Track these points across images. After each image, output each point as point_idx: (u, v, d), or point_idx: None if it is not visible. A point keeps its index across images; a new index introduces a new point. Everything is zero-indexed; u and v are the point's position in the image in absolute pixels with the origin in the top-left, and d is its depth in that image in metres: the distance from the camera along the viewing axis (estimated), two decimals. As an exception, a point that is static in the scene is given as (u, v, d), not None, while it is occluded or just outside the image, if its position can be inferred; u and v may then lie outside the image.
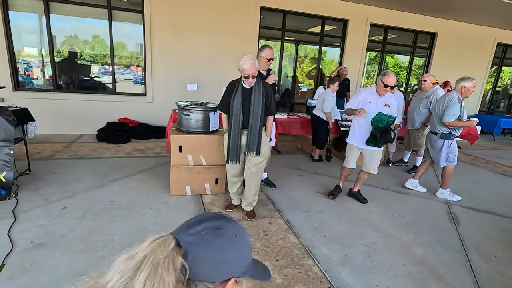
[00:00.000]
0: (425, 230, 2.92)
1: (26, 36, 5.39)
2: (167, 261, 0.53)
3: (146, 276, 0.51)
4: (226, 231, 0.61)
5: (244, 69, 2.43)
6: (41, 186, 3.26)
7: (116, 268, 0.58)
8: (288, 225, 2.83)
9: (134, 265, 0.54)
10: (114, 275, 0.56)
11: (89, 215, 2.72)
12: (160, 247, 0.57)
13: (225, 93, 2.71)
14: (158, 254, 0.55)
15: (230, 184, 3.00)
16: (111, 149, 4.83)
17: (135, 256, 0.58)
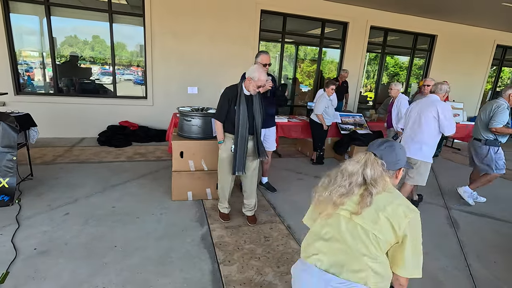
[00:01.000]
0: (425, 235, 2.88)
1: (27, 39, 5.41)
2: (376, 161, 1.16)
3: (369, 167, 1.14)
4: (396, 146, 1.23)
5: (261, 79, 2.49)
6: (43, 191, 3.29)
7: (351, 165, 1.19)
8: (289, 230, 2.85)
9: (362, 163, 1.17)
10: (353, 166, 1.18)
11: (91, 221, 2.75)
12: (369, 156, 1.18)
13: (223, 101, 2.61)
14: (370, 159, 1.17)
15: (224, 193, 2.87)
16: (112, 153, 4.86)
17: (359, 161, 1.18)
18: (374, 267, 1.07)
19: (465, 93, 8.45)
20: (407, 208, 1.10)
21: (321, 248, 1.16)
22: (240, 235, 2.71)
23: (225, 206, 2.94)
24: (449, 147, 7.09)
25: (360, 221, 1.08)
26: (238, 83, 2.65)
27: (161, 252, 2.37)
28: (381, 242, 1.07)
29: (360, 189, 1.12)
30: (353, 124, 5.47)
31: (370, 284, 1.06)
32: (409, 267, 1.09)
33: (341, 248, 1.11)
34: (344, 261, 1.10)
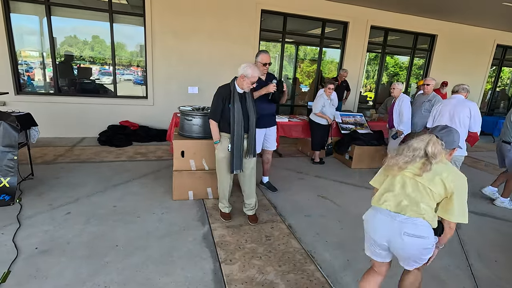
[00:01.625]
0: (426, 234, 2.94)
1: (28, 38, 5.41)
2: (437, 141, 1.51)
3: (431, 144, 1.49)
4: (453, 131, 1.60)
5: (254, 75, 2.54)
6: (44, 191, 3.29)
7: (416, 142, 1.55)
8: (290, 229, 2.85)
9: (425, 142, 1.52)
10: (418, 143, 1.53)
11: (93, 221, 2.75)
12: (432, 137, 1.53)
13: (218, 100, 2.61)
14: (433, 139, 1.51)
15: (224, 193, 2.88)
16: (113, 152, 4.86)
17: (424, 140, 1.53)
18: (428, 210, 1.53)
19: (465, 93, 8.45)
20: (456, 175, 1.52)
21: (389, 198, 1.60)
22: (241, 234, 2.71)
23: (226, 206, 2.94)
24: (449, 147, 7.09)
25: (420, 180, 1.54)
26: (231, 82, 2.64)
27: (163, 251, 2.37)
28: (434, 195, 1.52)
29: (422, 159, 1.54)
30: (353, 124, 5.47)
31: (426, 219, 1.53)
32: (455, 215, 1.50)
33: (404, 197, 1.57)
34: (406, 205, 1.55)
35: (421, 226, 1.51)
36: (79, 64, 5.84)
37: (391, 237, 1.57)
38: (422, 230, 1.51)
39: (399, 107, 4.34)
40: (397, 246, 1.57)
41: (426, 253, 1.58)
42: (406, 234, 1.52)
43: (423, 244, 1.53)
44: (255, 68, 2.55)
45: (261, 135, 3.32)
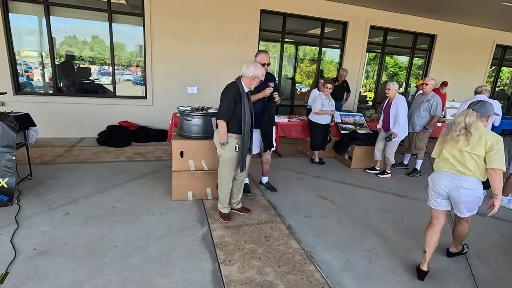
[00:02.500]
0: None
1: (27, 38, 5.39)
2: (472, 112, 2.08)
3: (468, 116, 2.07)
4: (486, 103, 2.13)
5: (263, 75, 2.70)
6: (43, 191, 3.27)
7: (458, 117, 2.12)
8: (290, 230, 2.84)
9: (464, 115, 2.09)
10: (459, 118, 2.12)
11: (91, 221, 2.73)
12: (468, 110, 2.10)
13: (230, 100, 2.57)
14: (469, 112, 2.09)
15: (227, 192, 2.86)
16: (112, 152, 4.84)
17: (463, 114, 2.11)
18: (476, 170, 2.08)
19: (465, 92, 8.45)
20: (492, 134, 2.04)
21: (446, 165, 2.20)
22: (241, 235, 2.70)
23: (225, 206, 2.94)
24: (449, 147, 7.08)
25: (466, 149, 2.09)
26: (237, 81, 2.65)
27: (162, 252, 2.36)
28: (478, 158, 2.06)
29: (465, 130, 2.06)
30: (353, 124, 5.47)
31: (477, 176, 2.10)
32: (496, 163, 1.99)
33: (457, 163, 2.14)
34: (459, 169, 2.13)
35: (471, 182, 2.10)
36: (79, 64, 5.82)
37: (450, 190, 2.17)
38: (472, 184, 2.10)
39: (396, 109, 4.25)
40: (455, 195, 2.17)
41: (475, 202, 2.17)
42: (461, 187, 2.12)
43: (473, 194, 2.13)
44: (262, 68, 2.68)
45: (259, 135, 3.31)
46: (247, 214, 3.07)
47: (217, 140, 2.75)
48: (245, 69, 2.60)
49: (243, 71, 2.62)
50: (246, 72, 2.59)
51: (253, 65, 2.60)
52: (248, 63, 2.62)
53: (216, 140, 2.79)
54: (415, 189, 4.17)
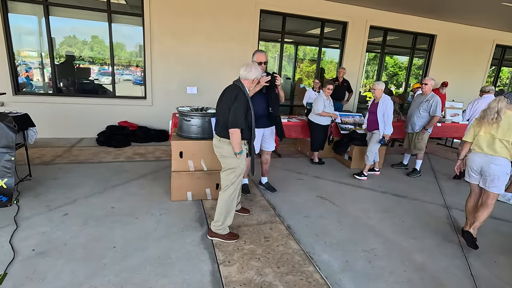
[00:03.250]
0: (426, 235, 2.94)
1: (26, 39, 5.39)
2: (504, 99, 2.59)
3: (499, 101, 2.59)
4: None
5: (260, 75, 2.56)
6: (42, 192, 3.27)
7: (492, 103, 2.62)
8: (289, 230, 2.84)
9: (497, 101, 2.60)
10: (493, 103, 2.60)
11: (90, 222, 2.73)
12: (500, 97, 2.61)
13: (244, 108, 2.38)
14: (501, 99, 2.60)
15: (234, 206, 2.65)
16: (111, 153, 4.84)
17: (495, 101, 2.61)
18: (505, 151, 2.53)
19: (464, 93, 8.45)
20: None
21: (478, 148, 2.66)
22: (240, 235, 2.69)
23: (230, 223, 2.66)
24: (448, 147, 7.09)
25: (496, 135, 2.54)
26: (241, 86, 2.45)
27: (161, 252, 2.36)
28: (509, 143, 2.50)
29: (497, 114, 2.51)
30: (352, 124, 5.47)
31: (507, 156, 2.54)
32: None
33: (488, 146, 2.59)
34: (493, 149, 2.57)
35: (501, 160, 2.55)
36: (78, 64, 5.81)
37: (483, 166, 2.64)
38: (502, 161, 2.56)
39: (384, 109, 4.18)
40: (486, 170, 2.63)
41: (502, 178, 2.59)
42: (491, 163, 2.59)
43: (502, 170, 2.57)
44: (259, 67, 2.59)
45: (259, 135, 3.31)
46: (246, 214, 3.07)
47: (227, 151, 2.47)
48: (246, 72, 2.46)
49: (243, 75, 2.48)
50: (249, 75, 2.46)
51: (253, 67, 2.49)
52: (247, 65, 2.51)
53: (224, 150, 2.48)
54: (415, 189, 4.16)
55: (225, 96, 2.48)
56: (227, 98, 2.43)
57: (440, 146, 7.17)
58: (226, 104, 2.42)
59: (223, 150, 2.50)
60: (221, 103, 2.51)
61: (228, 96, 2.42)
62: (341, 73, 6.30)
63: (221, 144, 2.50)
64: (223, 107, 2.44)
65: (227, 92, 2.49)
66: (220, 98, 2.55)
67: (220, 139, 2.49)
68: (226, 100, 2.44)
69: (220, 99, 2.54)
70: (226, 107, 2.41)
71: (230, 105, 2.38)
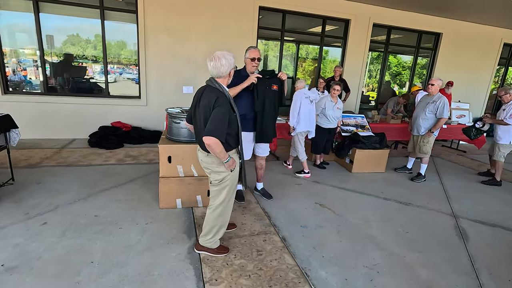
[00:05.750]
0: (431, 248, 2.72)
1: (15, 36, 5.20)
2: None
3: None
4: None
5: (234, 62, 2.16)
6: (23, 197, 3.08)
7: None
8: (284, 243, 2.63)
9: None
10: None
11: (69, 233, 2.53)
12: None
13: (225, 114, 2.01)
14: None
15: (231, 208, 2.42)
16: (102, 155, 4.65)
17: None
18: None
19: (471, 93, 8.20)
20: None
21: None
22: (231, 248, 2.49)
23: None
24: (454, 149, 6.84)
25: None
26: (219, 87, 2.07)
27: (142, 268, 2.16)
28: None
29: None
30: (354, 126, 5.24)
31: None
32: None
33: None
34: None
35: None
36: (70, 62, 5.62)
37: None
38: None
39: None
40: None
41: None
42: None
43: None
44: (231, 54, 2.10)
45: (249, 139, 3.09)
46: (234, 229, 2.77)
47: (218, 165, 2.15)
48: (218, 68, 2.01)
49: (215, 73, 2.05)
50: (221, 70, 2.03)
51: (223, 58, 2.00)
52: (213, 57, 2.02)
53: (215, 165, 2.16)
54: (419, 196, 3.94)
55: (202, 102, 2.06)
56: (205, 104, 2.01)
57: (445, 148, 6.92)
58: (205, 113, 2.01)
59: (213, 166, 2.17)
60: (199, 111, 2.09)
61: (206, 102, 2.01)
62: (337, 72, 6.04)
63: (210, 159, 2.16)
64: (204, 117, 2.02)
65: (204, 96, 2.06)
66: (195, 105, 2.15)
67: (208, 154, 2.15)
68: (204, 108, 2.02)
69: (196, 107, 2.12)
70: (206, 116, 2.00)
71: (210, 113, 1.97)
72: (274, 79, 3.03)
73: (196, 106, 2.15)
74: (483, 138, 6.02)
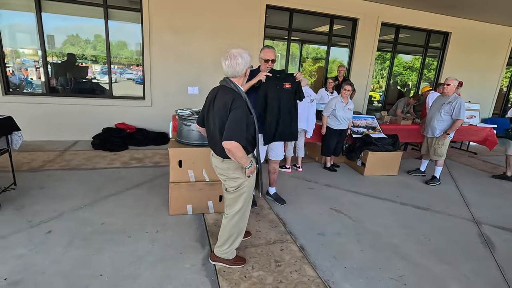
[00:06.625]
0: (458, 258, 2.57)
1: (17, 36, 5.06)
2: None
3: None
4: None
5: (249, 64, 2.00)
6: (25, 203, 2.94)
7: None
8: (303, 252, 2.48)
9: None
10: None
11: (76, 242, 2.39)
12: None
13: (244, 116, 1.88)
14: None
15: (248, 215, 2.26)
16: (106, 157, 4.50)
17: None
18: None
19: (479, 93, 8.05)
20: None
21: None
22: (247, 258, 2.34)
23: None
24: (464, 151, 6.70)
25: None
26: (231, 86, 1.91)
27: (155, 282, 2.01)
28: None
29: None
30: (365, 127, 5.09)
31: None
32: None
33: None
34: None
35: None
36: (74, 62, 5.47)
37: None
38: None
39: None
40: None
41: None
42: None
43: None
44: (247, 52, 1.96)
45: (261, 142, 2.94)
46: (249, 237, 2.63)
47: (234, 171, 2.00)
48: (233, 67, 1.87)
49: (230, 72, 1.90)
50: (237, 69, 1.89)
51: (239, 56, 1.87)
52: (229, 56, 1.87)
53: (231, 171, 2.01)
54: (436, 200, 3.79)
55: (216, 104, 1.91)
56: (220, 107, 1.87)
57: (455, 149, 6.78)
58: (220, 116, 1.87)
59: (229, 172, 2.01)
60: (213, 113, 1.94)
61: (221, 104, 1.86)
62: (341, 72, 5.90)
63: (225, 165, 2.00)
64: (219, 121, 1.88)
65: (218, 98, 1.91)
66: (208, 107, 2.00)
67: (224, 160, 1.99)
68: (220, 111, 1.87)
69: (210, 109, 1.98)
70: (222, 120, 1.86)
71: (226, 116, 1.83)
72: (288, 79, 2.89)
73: (210, 108, 2.00)
74: (494, 139, 5.89)
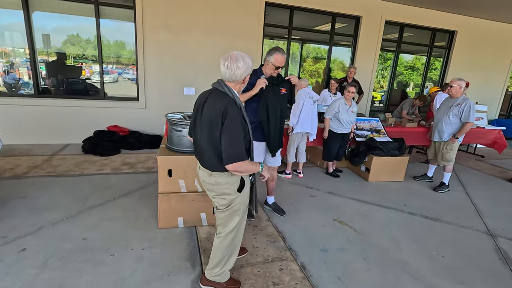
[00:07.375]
0: (475, 278, 2.34)
1: (3, 35, 4.82)
2: None
3: None
4: None
5: (251, 70, 1.77)
6: (2, 216, 2.70)
7: None
8: (304, 272, 2.25)
9: None
10: None
11: (52, 262, 2.15)
12: None
13: (238, 126, 1.63)
14: None
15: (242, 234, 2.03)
16: (96, 163, 4.27)
17: None
18: None
19: (485, 94, 7.82)
20: None
21: None
22: (242, 280, 2.11)
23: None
24: (471, 154, 6.46)
25: None
26: (225, 91, 1.67)
27: (137, 311, 1.78)
28: None
29: None
30: (369, 130, 4.85)
31: None
32: None
33: None
34: None
35: None
36: (64, 62, 5.24)
37: None
38: None
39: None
40: None
41: None
42: None
43: None
44: (250, 57, 1.73)
45: (260, 149, 2.70)
46: (244, 255, 2.39)
47: (226, 185, 1.75)
48: (232, 70, 1.64)
49: (228, 75, 1.66)
50: (236, 73, 1.65)
51: (241, 59, 1.64)
52: (230, 57, 1.64)
53: (222, 187, 1.76)
54: (446, 209, 3.56)
55: (206, 110, 1.68)
56: (211, 113, 1.63)
57: (461, 152, 6.54)
58: (210, 124, 1.64)
59: (219, 187, 1.75)
60: (200, 121, 1.71)
61: (212, 111, 1.63)
62: (352, 73, 5.67)
63: (214, 179, 1.74)
64: (208, 130, 1.65)
65: (209, 103, 1.68)
66: (196, 113, 1.77)
67: (212, 174, 1.74)
68: (209, 118, 1.64)
69: (198, 115, 1.75)
70: (212, 129, 1.63)
71: (218, 126, 1.60)
72: (284, 83, 2.65)
73: (198, 115, 1.75)
74: (504, 142, 5.65)
